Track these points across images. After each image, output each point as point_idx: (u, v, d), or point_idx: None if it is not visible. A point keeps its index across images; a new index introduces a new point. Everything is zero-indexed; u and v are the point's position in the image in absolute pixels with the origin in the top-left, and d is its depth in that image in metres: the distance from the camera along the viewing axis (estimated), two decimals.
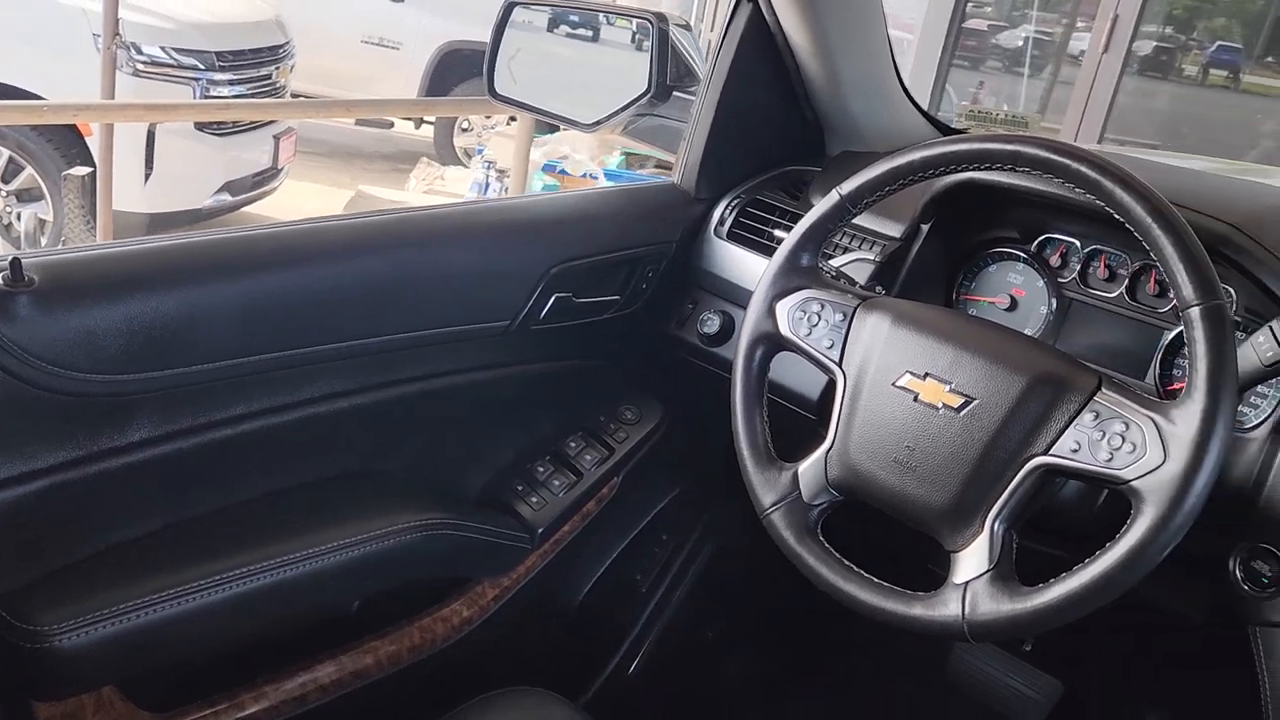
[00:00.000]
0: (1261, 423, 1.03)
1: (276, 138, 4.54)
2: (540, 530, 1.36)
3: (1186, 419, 0.84)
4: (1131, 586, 0.85)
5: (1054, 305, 1.24)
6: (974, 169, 1.00)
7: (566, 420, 1.46)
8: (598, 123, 1.48)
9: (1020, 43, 8.88)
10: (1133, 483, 0.85)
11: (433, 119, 6.63)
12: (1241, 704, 1.02)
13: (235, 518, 1.10)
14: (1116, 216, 0.90)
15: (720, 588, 1.72)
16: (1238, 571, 1.00)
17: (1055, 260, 1.24)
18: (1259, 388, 1.08)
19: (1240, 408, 1.08)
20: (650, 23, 1.37)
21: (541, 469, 1.40)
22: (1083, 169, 0.91)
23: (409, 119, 6.89)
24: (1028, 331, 1.24)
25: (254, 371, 1.07)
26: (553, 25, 1.60)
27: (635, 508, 1.55)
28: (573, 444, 1.43)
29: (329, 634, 1.21)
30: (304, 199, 5.34)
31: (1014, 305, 1.27)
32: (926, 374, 0.96)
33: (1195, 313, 0.86)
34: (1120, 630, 1.37)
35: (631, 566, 1.58)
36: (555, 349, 1.39)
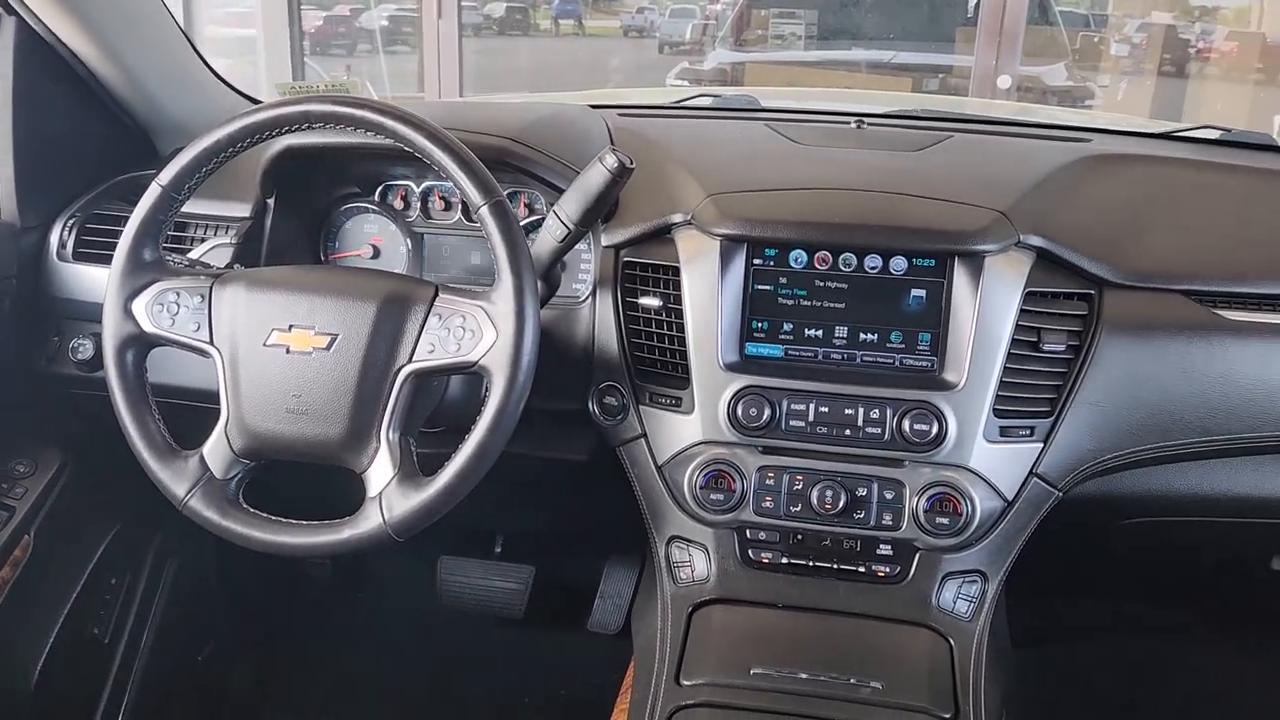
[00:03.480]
0: (587, 295, 1.25)
1: None
2: None
3: (503, 298, 1.00)
4: (504, 447, 1.00)
5: (410, 243, 1.37)
6: (278, 133, 1.06)
7: None
8: None
9: (385, 23, 9.15)
10: (480, 361, 1.00)
11: None
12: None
13: None
14: (408, 150, 1.03)
15: (196, 607, 1.67)
16: (595, 409, 1.22)
17: (399, 203, 1.37)
18: (582, 265, 1.30)
19: (573, 285, 1.30)
20: None
21: None
22: (366, 114, 1.02)
23: None
24: (397, 271, 1.36)
25: None
26: None
27: (68, 561, 1.45)
28: None
29: None
30: None
31: (377, 253, 1.39)
32: (291, 325, 1.03)
33: (484, 211, 1.01)
34: (552, 497, 1.58)
35: (86, 621, 1.47)
36: None
